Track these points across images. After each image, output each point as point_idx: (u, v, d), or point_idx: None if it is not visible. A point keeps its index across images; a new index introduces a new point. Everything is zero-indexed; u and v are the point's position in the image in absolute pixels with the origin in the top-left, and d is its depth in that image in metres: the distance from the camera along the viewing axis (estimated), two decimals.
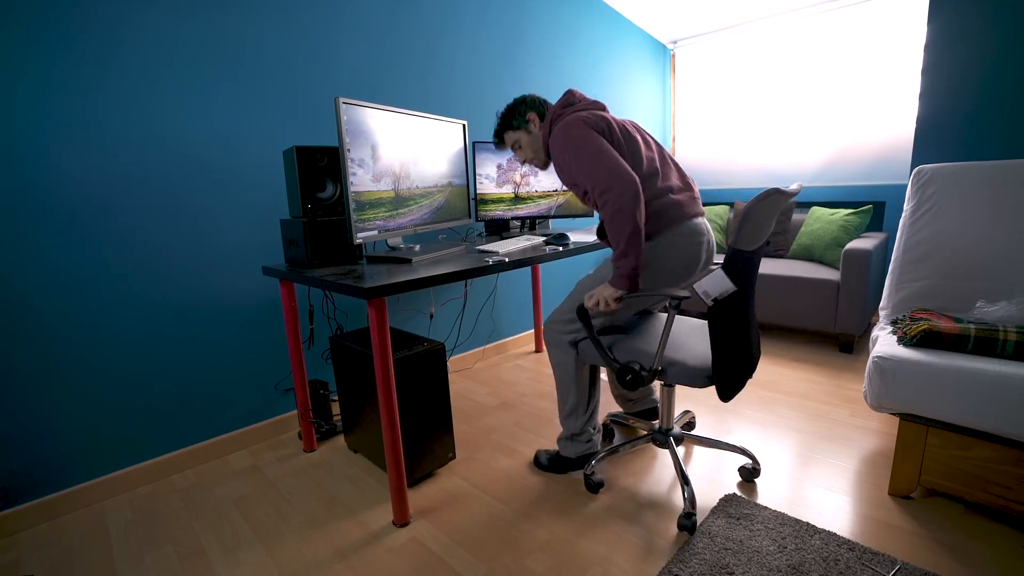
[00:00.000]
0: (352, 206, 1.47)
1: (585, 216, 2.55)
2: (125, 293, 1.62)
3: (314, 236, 1.58)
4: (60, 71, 1.45)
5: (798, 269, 2.76)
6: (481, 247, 1.79)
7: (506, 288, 2.89)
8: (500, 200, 2.36)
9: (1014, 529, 1.29)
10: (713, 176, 3.87)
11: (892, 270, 1.81)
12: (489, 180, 2.32)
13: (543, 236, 2.08)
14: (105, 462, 1.63)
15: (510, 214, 2.39)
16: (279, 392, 2.01)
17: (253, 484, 1.68)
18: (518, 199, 2.41)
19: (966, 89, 1.92)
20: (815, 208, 3.05)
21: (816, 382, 2.27)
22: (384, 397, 1.34)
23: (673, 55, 3.95)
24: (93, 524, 1.51)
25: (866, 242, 2.57)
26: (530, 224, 2.49)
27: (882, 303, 1.82)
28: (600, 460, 1.60)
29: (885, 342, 1.47)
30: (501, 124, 1.62)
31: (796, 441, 1.77)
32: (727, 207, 3.52)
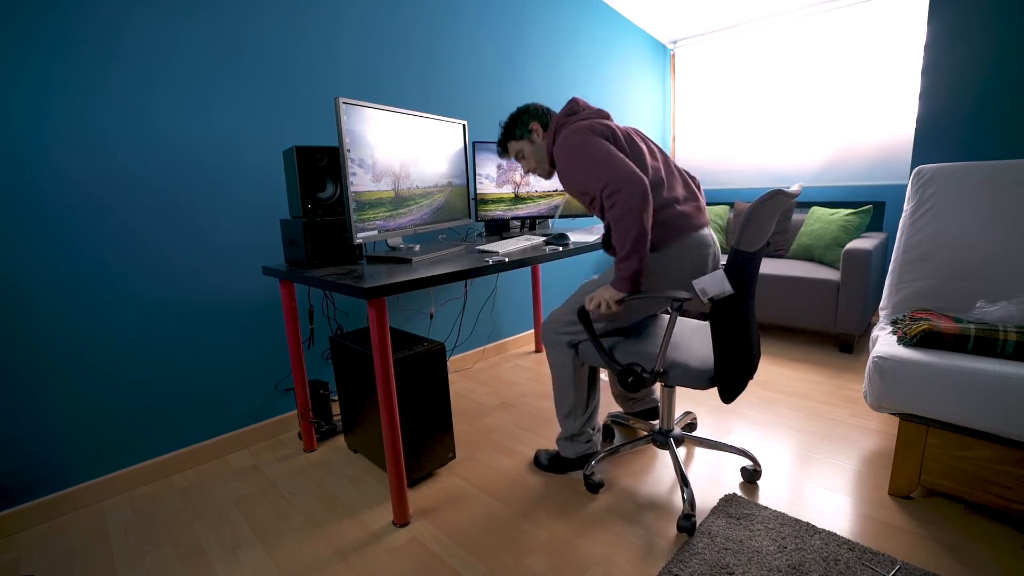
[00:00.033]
0: (352, 206, 1.47)
1: (585, 216, 2.55)
2: (125, 293, 1.62)
3: (314, 236, 1.58)
4: (60, 71, 1.45)
5: (798, 269, 2.76)
6: (481, 247, 1.79)
7: (506, 288, 2.89)
8: (500, 200, 2.36)
9: (1014, 529, 1.29)
10: (713, 176, 3.87)
11: (892, 270, 1.81)
12: (489, 180, 2.32)
13: (543, 236, 2.08)
14: (105, 462, 1.63)
15: (510, 214, 2.39)
16: (279, 392, 2.01)
17: (253, 484, 1.68)
18: (518, 199, 2.41)
19: (966, 89, 1.92)
20: (815, 208, 3.05)
21: (816, 382, 2.27)
22: (384, 397, 1.34)
23: (673, 55, 3.95)
24: (93, 524, 1.51)
25: (866, 242, 2.57)
26: (530, 224, 2.49)
27: (882, 303, 1.82)
28: (600, 460, 1.60)
29: (885, 342, 1.47)
30: (504, 134, 1.62)
31: (796, 441, 1.77)
32: (727, 207, 3.52)
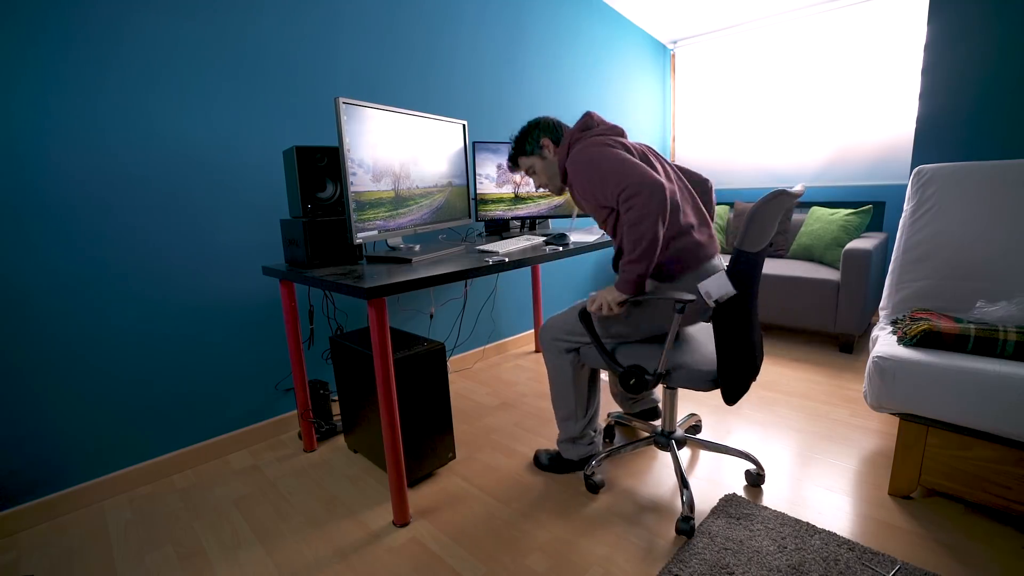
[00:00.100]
0: (352, 206, 1.47)
1: (586, 216, 2.54)
2: (125, 293, 1.62)
3: (314, 236, 1.58)
4: (60, 71, 1.45)
5: (798, 269, 2.76)
6: (481, 247, 1.79)
7: (506, 288, 2.89)
8: (500, 200, 2.36)
9: (1014, 529, 1.29)
10: (713, 176, 3.87)
11: (892, 270, 1.81)
12: (489, 180, 2.32)
13: (543, 236, 2.08)
14: (105, 462, 1.63)
15: (510, 214, 2.39)
16: (279, 392, 2.01)
17: (253, 484, 1.68)
18: (518, 199, 2.41)
19: (966, 89, 1.92)
20: (815, 208, 3.05)
21: (816, 382, 2.27)
22: (384, 397, 1.34)
23: (673, 55, 3.95)
24: (93, 524, 1.51)
25: (866, 242, 2.57)
26: (530, 224, 2.49)
27: (882, 303, 1.82)
28: (601, 460, 1.60)
29: (885, 342, 1.47)
30: (514, 149, 1.60)
31: (796, 441, 1.77)
32: (727, 207, 3.52)
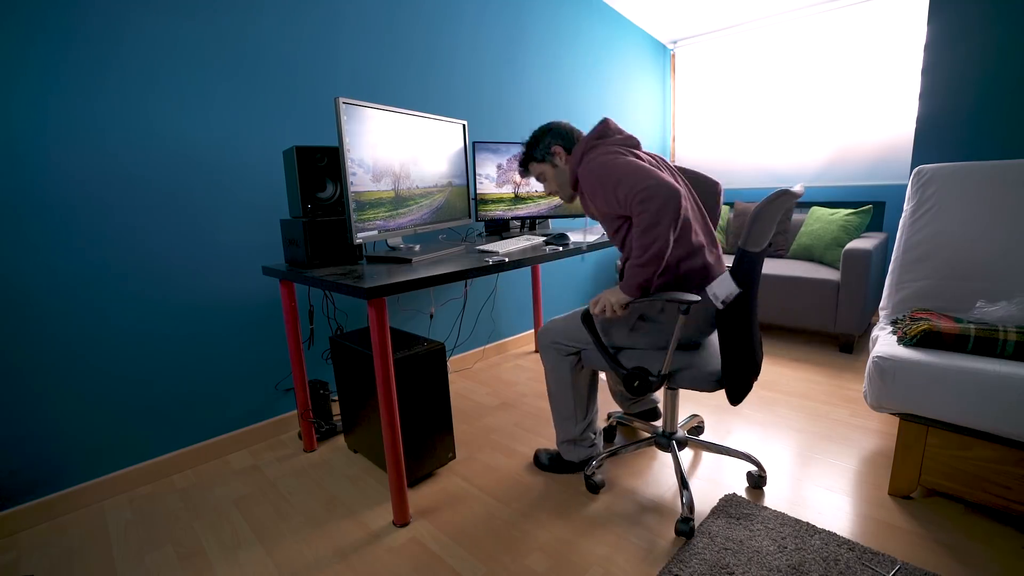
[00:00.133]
0: (352, 206, 1.47)
1: (584, 216, 2.55)
2: (125, 293, 1.62)
3: (314, 236, 1.58)
4: (59, 71, 1.45)
5: (798, 269, 2.76)
6: (481, 247, 1.79)
7: (506, 288, 2.89)
8: (500, 200, 2.36)
9: (1014, 529, 1.29)
10: (713, 176, 3.87)
11: (892, 270, 1.81)
12: (489, 180, 2.32)
13: (543, 236, 2.08)
14: (105, 462, 1.63)
15: (510, 214, 2.39)
16: (279, 392, 2.01)
17: (253, 484, 1.68)
18: (518, 199, 2.41)
19: (966, 89, 1.92)
20: (815, 208, 3.05)
21: (816, 382, 2.27)
22: (384, 397, 1.34)
23: (673, 55, 3.95)
24: (93, 524, 1.51)
25: (866, 242, 2.57)
26: (530, 224, 2.49)
27: (882, 303, 1.82)
28: (601, 461, 1.59)
29: (885, 342, 1.47)
30: (525, 155, 1.58)
31: (796, 441, 1.77)
32: (727, 207, 3.52)
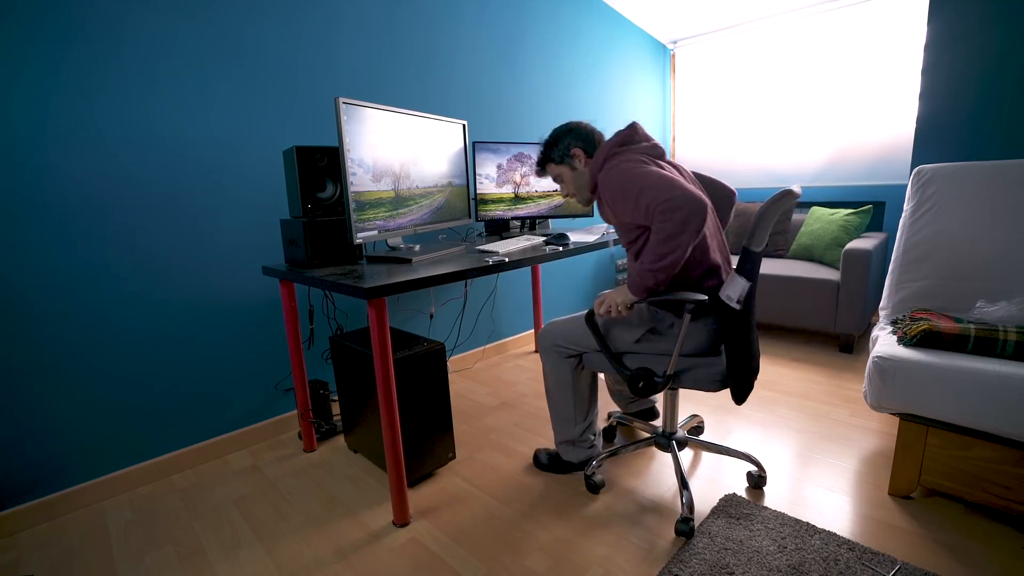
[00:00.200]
0: (352, 206, 1.47)
1: (585, 216, 2.55)
2: (125, 293, 1.62)
3: (314, 236, 1.58)
4: (59, 71, 1.45)
5: (798, 269, 2.76)
6: (481, 247, 1.79)
7: (506, 288, 2.89)
8: (500, 200, 2.36)
9: (1014, 529, 1.29)
10: (713, 176, 3.87)
11: (892, 270, 1.81)
12: (489, 180, 2.32)
13: (543, 236, 2.08)
14: (105, 462, 1.63)
15: (510, 214, 2.39)
16: (279, 392, 2.01)
17: (253, 484, 1.68)
18: (518, 199, 2.41)
19: (966, 89, 1.92)
20: (815, 208, 3.05)
21: (816, 382, 2.27)
22: (384, 397, 1.34)
23: (673, 55, 3.95)
24: (93, 524, 1.51)
25: (866, 242, 2.57)
26: (530, 224, 2.49)
27: (882, 303, 1.82)
28: (601, 461, 1.59)
29: (885, 342, 1.47)
30: (542, 155, 1.52)
31: (796, 441, 1.77)
32: None
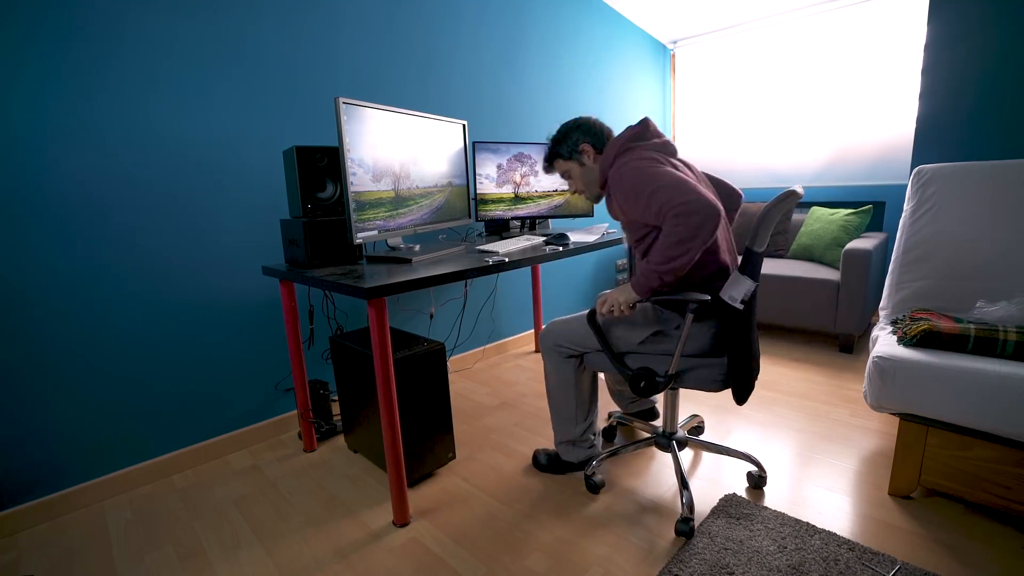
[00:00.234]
0: (352, 206, 1.47)
1: (585, 216, 2.55)
2: (125, 293, 1.62)
3: (314, 236, 1.58)
4: (59, 71, 1.45)
5: (798, 269, 2.76)
6: (481, 247, 1.79)
7: (506, 288, 2.89)
8: (500, 200, 2.36)
9: (1014, 529, 1.29)
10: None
11: (892, 270, 1.81)
12: (489, 180, 2.32)
13: (543, 236, 2.08)
14: (105, 462, 1.63)
15: (510, 214, 2.39)
16: (279, 392, 2.01)
17: (253, 484, 1.68)
18: (518, 199, 2.41)
19: (966, 89, 1.92)
20: (815, 208, 3.05)
21: (816, 382, 2.27)
22: (384, 397, 1.34)
23: (673, 55, 3.94)
24: (93, 524, 1.51)
25: (866, 242, 2.57)
26: (530, 224, 2.49)
27: (882, 303, 1.82)
28: (601, 461, 1.59)
29: (885, 342, 1.47)
30: (550, 151, 1.50)
31: (796, 441, 1.77)
32: None
